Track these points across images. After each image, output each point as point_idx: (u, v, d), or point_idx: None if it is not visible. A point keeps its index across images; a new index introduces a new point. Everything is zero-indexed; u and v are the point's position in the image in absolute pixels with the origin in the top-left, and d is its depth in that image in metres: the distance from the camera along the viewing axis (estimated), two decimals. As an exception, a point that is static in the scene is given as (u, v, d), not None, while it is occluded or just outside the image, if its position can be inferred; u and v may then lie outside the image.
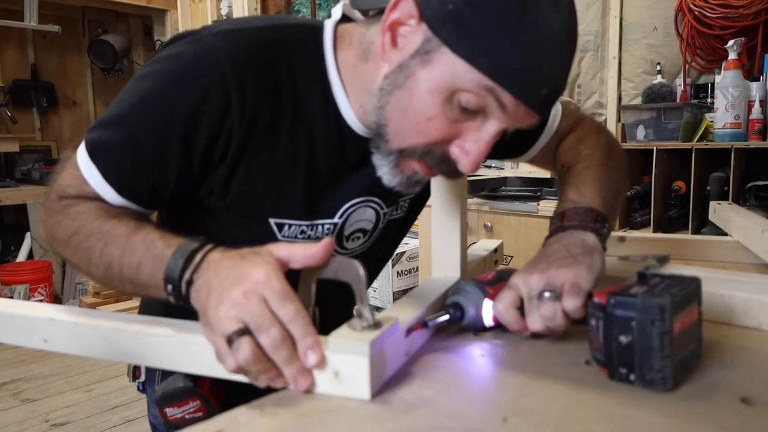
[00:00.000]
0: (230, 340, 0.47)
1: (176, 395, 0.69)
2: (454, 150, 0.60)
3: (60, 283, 3.88)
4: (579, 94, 2.50)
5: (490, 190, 2.09)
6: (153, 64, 0.64)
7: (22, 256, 3.77)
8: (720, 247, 0.96)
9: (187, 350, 0.53)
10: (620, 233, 1.00)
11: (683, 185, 1.80)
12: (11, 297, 3.40)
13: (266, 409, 0.47)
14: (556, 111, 0.84)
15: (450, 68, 0.55)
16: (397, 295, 2.60)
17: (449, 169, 0.62)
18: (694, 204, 1.73)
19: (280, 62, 0.64)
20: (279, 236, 0.70)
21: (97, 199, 0.64)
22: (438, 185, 0.72)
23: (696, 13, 1.94)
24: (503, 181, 2.13)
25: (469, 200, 2.05)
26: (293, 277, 0.54)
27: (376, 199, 0.74)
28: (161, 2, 4.22)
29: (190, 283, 0.53)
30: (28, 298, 3.49)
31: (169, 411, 0.71)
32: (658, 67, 2.16)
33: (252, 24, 0.65)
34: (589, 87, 2.46)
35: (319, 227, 0.71)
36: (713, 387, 0.49)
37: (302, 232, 0.71)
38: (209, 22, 0.70)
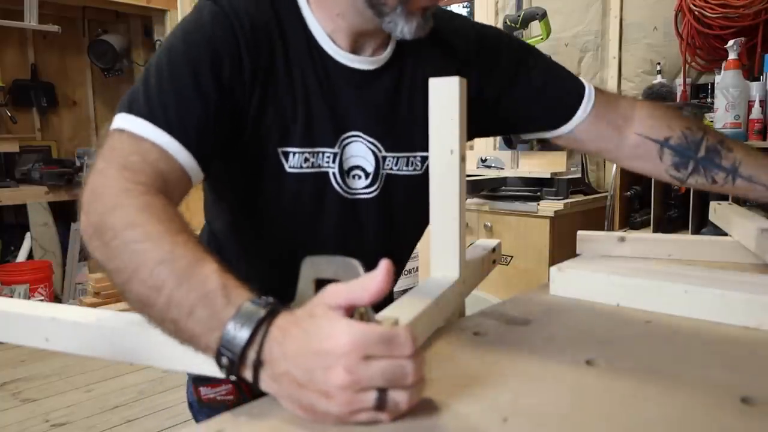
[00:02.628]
0: (381, 406, 0.42)
1: (209, 377, 0.64)
2: None
3: (60, 284, 3.88)
4: (579, 94, 2.50)
5: (490, 190, 2.09)
6: (169, 36, 0.71)
7: (21, 256, 3.77)
8: (720, 247, 0.96)
9: (190, 350, 0.53)
10: (620, 233, 1.00)
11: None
12: (11, 297, 3.40)
13: (266, 409, 0.47)
14: (587, 87, 0.87)
15: None
16: (397, 295, 2.60)
17: None
18: (694, 204, 1.73)
19: (267, 8, 0.73)
20: (286, 166, 0.74)
21: (157, 172, 0.60)
22: (437, 185, 0.72)
23: (696, 13, 1.94)
24: (503, 181, 2.13)
25: (469, 200, 2.05)
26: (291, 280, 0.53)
27: (369, 138, 0.79)
28: (161, 2, 4.21)
29: (258, 366, 0.45)
30: (28, 298, 3.48)
31: (203, 390, 0.76)
32: (658, 67, 2.16)
33: None
34: (589, 87, 2.46)
35: (320, 155, 0.76)
36: (713, 387, 0.49)
37: (306, 159, 0.75)
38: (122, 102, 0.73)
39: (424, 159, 0.83)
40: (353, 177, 0.79)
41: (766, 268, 0.87)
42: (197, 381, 0.75)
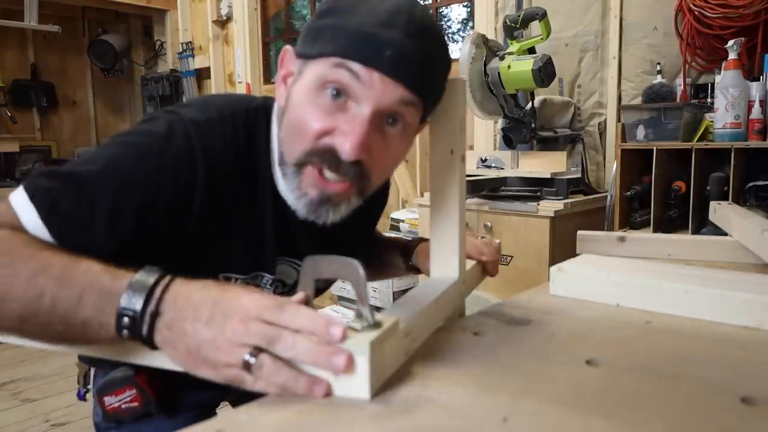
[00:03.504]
0: (248, 365, 0.46)
1: (115, 383, 0.74)
2: (337, 139, 0.63)
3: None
4: (579, 94, 2.50)
5: (490, 190, 2.09)
6: (126, 136, 0.67)
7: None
8: (720, 247, 0.96)
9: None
10: (620, 233, 1.00)
11: (683, 185, 1.80)
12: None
13: (266, 409, 0.47)
14: None
15: (313, 71, 0.63)
16: (397, 295, 2.60)
17: (344, 169, 0.64)
18: (694, 204, 1.73)
19: (242, 150, 0.70)
20: None
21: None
22: (438, 185, 0.72)
23: (696, 13, 1.94)
24: (503, 181, 2.12)
25: (469, 200, 2.05)
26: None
27: (296, 261, 0.81)
28: (161, 2, 4.21)
29: (156, 316, 0.50)
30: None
31: (107, 400, 0.76)
32: (658, 67, 2.16)
33: (217, 113, 0.69)
34: (589, 87, 2.46)
35: (260, 278, 0.77)
36: (713, 387, 0.49)
37: (246, 283, 0.75)
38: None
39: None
40: (274, 287, 0.80)
41: (766, 268, 0.87)
42: (101, 391, 0.75)
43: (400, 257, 0.95)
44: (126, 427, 0.79)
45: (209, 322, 0.48)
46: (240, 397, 0.52)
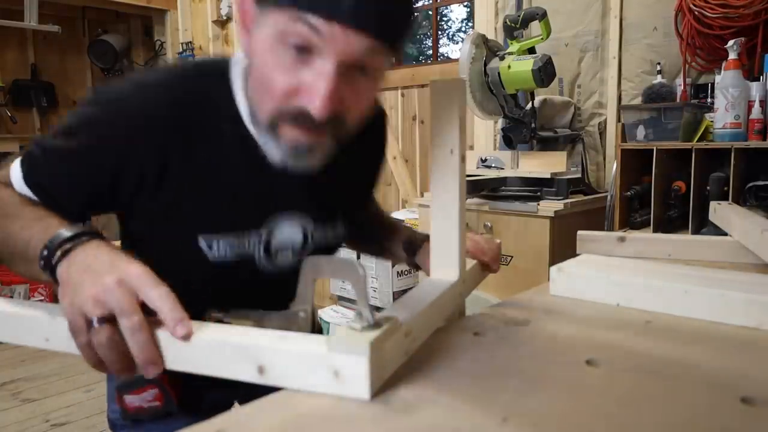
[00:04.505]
0: (90, 323, 0.51)
1: (136, 382, 0.72)
2: (304, 98, 0.62)
3: (60, 283, 3.87)
4: (579, 94, 2.50)
5: (490, 190, 2.09)
6: (84, 105, 0.70)
7: (22, 256, 3.77)
8: (720, 247, 0.96)
9: (190, 349, 0.53)
10: (620, 233, 1.00)
11: (683, 185, 1.80)
12: (11, 297, 3.40)
13: (266, 409, 0.47)
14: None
15: (272, 22, 0.61)
16: (397, 295, 2.60)
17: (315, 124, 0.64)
18: (694, 204, 1.73)
19: (195, 91, 0.70)
20: (209, 255, 0.72)
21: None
22: (437, 185, 0.72)
23: (696, 13, 1.94)
24: (503, 181, 2.12)
25: (469, 200, 2.05)
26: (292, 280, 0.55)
27: (299, 214, 0.78)
28: (161, 2, 4.21)
29: (66, 253, 0.56)
30: (28, 298, 3.48)
31: (128, 398, 0.74)
32: (658, 67, 2.16)
33: (170, 74, 0.72)
34: (589, 87, 2.46)
35: (246, 241, 0.74)
36: (713, 387, 0.49)
37: (231, 246, 0.73)
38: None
39: (344, 224, 0.84)
40: (281, 256, 0.78)
41: (766, 268, 0.87)
42: (121, 389, 0.74)
43: (401, 248, 0.93)
44: (144, 425, 0.78)
45: (97, 270, 0.53)
46: (247, 395, 0.51)
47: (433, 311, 0.63)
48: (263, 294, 0.75)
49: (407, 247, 0.93)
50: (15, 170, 0.68)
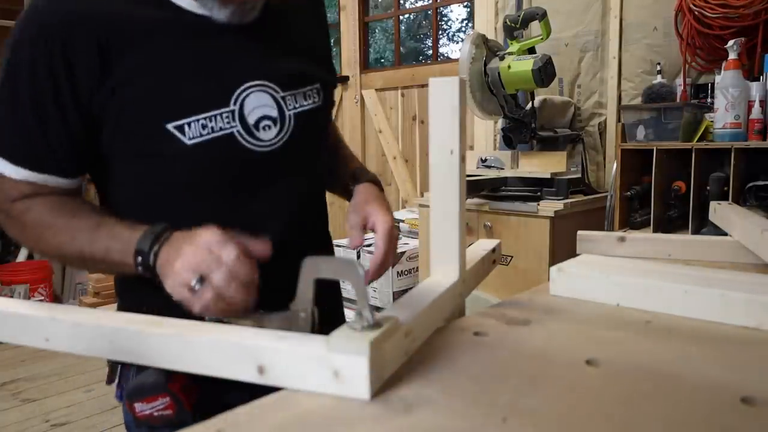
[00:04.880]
0: (193, 289, 0.60)
1: (146, 390, 0.70)
2: None
3: (60, 283, 3.88)
4: (579, 94, 2.50)
5: (490, 190, 2.09)
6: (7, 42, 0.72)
7: (22, 256, 3.77)
8: (720, 247, 0.96)
9: (190, 349, 0.53)
10: (620, 233, 1.00)
11: (683, 185, 1.80)
12: (11, 297, 3.40)
13: (266, 409, 0.47)
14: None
15: None
16: (397, 295, 2.60)
17: None
18: (694, 204, 1.73)
19: None
20: (185, 140, 0.71)
21: (25, 195, 0.73)
22: (437, 185, 0.72)
23: (696, 13, 1.94)
24: (503, 181, 2.12)
25: (469, 200, 2.05)
26: (292, 277, 0.55)
27: (265, 83, 0.77)
28: (161, 2, 4.20)
29: (156, 254, 0.65)
30: (28, 299, 3.48)
31: (138, 406, 0.71)
32: (658, 67, 2.16)
33: None
34: (588, 87, 2.46)
35: (218, 117, 0.73)
36: (713, 387, 0.49)
37: (203, 126, 0.72)
38: None
39: (318, 90, 0.84)
40: (263, 129, 0.76)
41: (766, 268, 0.87)
42: (131, 397, 0.72)
43: (347, 179, 0.93)
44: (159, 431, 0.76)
45: (178, 251, 0.63)
46: (254, 395, 0.51)
47: (433, 311, 0.63)
48: (264, 178, 0.78)
49: (351, 181, 0.91)
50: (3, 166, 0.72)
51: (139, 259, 0.66)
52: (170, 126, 0.70)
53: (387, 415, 0.45)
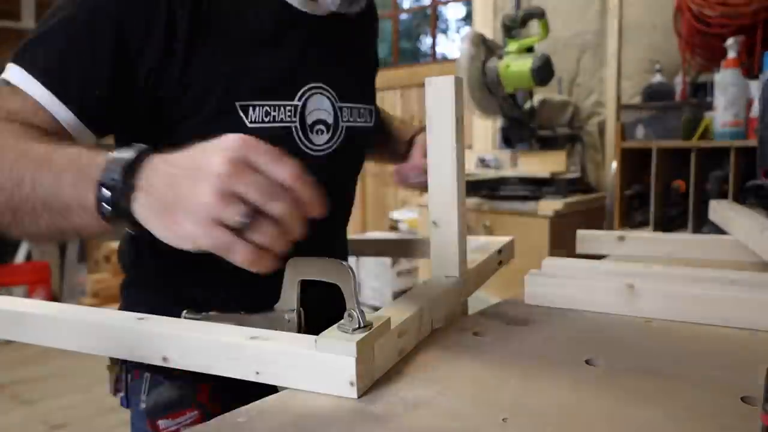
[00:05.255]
0: (241, 228, 0.41)
1: (171, 405, 0.65)
2: None
3: (58, 285, 3.87)
4: (578, 93, 2.50)
5: (489, 189, 2.09)
6: None
7: (20, 257, 3.77)
8: (720, 247, 0.96)
9: (185, 348, 0.53)
10: (620, 232, 1.00)
11: (683, 184, 1.80)
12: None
13: (265, 410, 0.46)
14: None
15: None
16: (397, 295, 2.60)
17: None
18: (694, 203, 1.73)
19: None
20: (246, 121, 0.70)
21: (23, 121, 0.58)
22: (437, 184, 0.71)
23: (695, 11, 1.94)
24: (502, 180, 2.12)
25: (469, 200, 2.04)
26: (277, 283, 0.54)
27: (327, 88, 0.78)
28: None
29: (133, 185, 0.45)
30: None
31: (162, 423, 0.66)
32: (657, 66, 2.16)
33: None
34: (588, 86, 2.46)
35: (282, 108, 0.72)
36: (713, 387, 0.49)
37: (267, 113, 0.71)
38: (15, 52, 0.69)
39: (371, 111, 0.85)
40: (316, 132, 0.76)
41: (766, 267, 0.87)
42: (152, 414, 0.67)
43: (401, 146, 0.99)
44: None
45: (188, 166, 0.42)
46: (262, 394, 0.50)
47: (430, 311, 0.63)
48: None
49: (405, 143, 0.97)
50: (13, 73, 0.60)
51: (107, 194, 0.46)
52: (238, 104, 0.69)
53: (386, 416, 0.45)
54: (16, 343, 2.97)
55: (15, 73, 0.59)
